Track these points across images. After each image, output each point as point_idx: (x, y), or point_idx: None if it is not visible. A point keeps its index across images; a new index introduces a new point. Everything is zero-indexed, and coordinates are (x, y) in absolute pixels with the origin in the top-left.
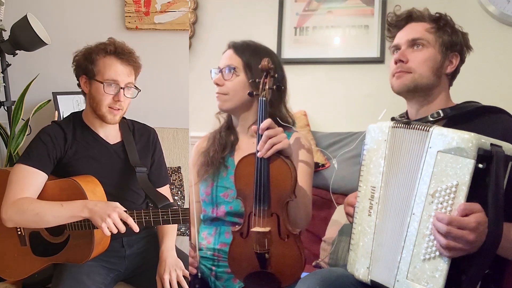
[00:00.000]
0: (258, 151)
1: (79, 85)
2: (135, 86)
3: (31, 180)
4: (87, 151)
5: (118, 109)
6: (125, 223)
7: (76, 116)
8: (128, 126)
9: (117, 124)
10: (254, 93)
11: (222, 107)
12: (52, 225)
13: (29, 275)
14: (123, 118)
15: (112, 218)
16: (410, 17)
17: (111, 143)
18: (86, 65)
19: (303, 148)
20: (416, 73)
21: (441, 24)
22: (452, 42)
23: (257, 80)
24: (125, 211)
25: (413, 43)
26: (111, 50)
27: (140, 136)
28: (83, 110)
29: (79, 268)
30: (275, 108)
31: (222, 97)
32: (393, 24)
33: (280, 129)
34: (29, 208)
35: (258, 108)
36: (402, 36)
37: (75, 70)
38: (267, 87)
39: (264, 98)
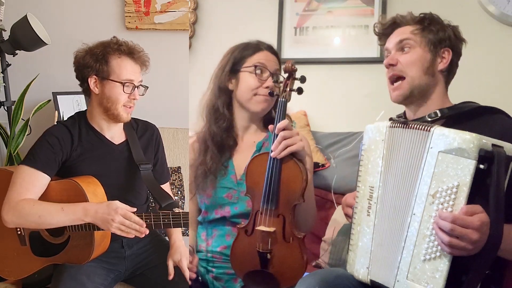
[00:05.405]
0: (272, 151)
1: (82, 86)
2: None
3: (35, 182)
4: (92, 152)
5: (131, 106)
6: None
7: (80, 116)
8: (131, 125)
9: (121, 124)
10: (275, 93)
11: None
12: (53, 227)
13: (28, 274)
14: None
15: (117, 222)
16: (395, 23)
17: (116, 144)
18: (98, 66)
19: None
20: (408, 77)
21: (426, 24)
22: (440, 39)
23: (279, 81)
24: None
25: (401, 45)
26: (124, 50)
27: (143, 132)
28: (86, 110)
29: (79, 269)
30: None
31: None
32: (380, 33)
33: (296, 131)
34: (31, 210)
35: (277, 109)
36: (391, 40)
37: (83, 71)
38: (288, 88)
39: (284, 99)
